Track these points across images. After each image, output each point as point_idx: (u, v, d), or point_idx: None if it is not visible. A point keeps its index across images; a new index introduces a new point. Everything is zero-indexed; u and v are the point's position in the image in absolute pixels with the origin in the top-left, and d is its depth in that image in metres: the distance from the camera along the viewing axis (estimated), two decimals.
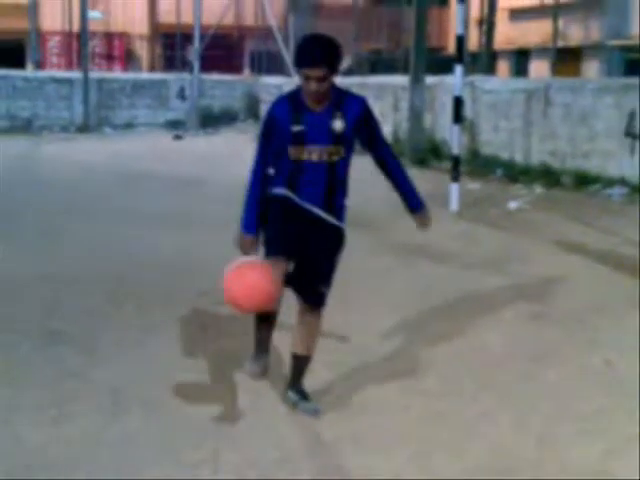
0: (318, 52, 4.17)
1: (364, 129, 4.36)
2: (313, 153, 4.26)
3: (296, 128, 4.24)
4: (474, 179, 13.09)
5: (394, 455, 4.03)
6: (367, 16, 26.07)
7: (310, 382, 4.64)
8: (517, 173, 13.43)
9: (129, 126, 23.00)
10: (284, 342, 5.19)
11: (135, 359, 5.26)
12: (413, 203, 4.52)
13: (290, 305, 4.53)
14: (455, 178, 10.66)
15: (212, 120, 23.39)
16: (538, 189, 12.45)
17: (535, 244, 8.76)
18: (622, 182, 12.02)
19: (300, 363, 4.58)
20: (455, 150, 10.79)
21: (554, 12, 19.44)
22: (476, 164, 14.14)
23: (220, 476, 3.84)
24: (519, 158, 14.04)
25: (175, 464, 3.93)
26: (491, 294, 6.85)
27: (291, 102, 4.30)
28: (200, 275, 7.33)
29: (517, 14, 24.04)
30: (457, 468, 3.93)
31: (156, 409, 4.53)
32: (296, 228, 4.31)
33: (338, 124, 4.25)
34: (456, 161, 10.78)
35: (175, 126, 22.84)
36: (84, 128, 22.14)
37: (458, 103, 10.73)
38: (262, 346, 4.48)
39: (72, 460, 3.95)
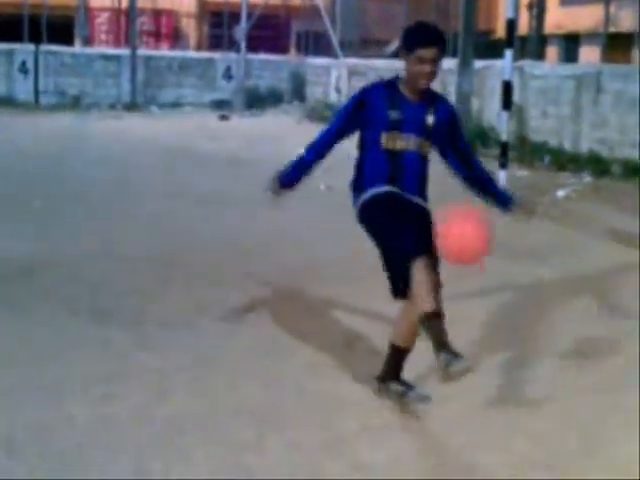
0: (433, 32, 4.21)
1: (448, 135, 4.32)
2: (409, 142, 4.25)
3: (393, 115, 4.24)
4: (522, 166, 12.97)
5: (438, 446, 4.03)
6: None
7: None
8: (565, 161, 13.26)
9: (175, 105, 23.07)
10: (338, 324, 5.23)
11: (182, 340, 5.30)
12: (507, 199, 4.41)
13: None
14: (503, 165, 10.57)
15: (258, 101, 23.39)
16: (586, 178, 12.29)
17: (583, 235, 8.66)
18: None
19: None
20: (504, 136, 10.70)
21: None
22: (524, 151, 13.98)
23: (265, 459, 3.85)
24: (568, 145, 13.87)
25: (220, 446, 3.95)
26: (539, 286, 6.79)
27: (388, 89, 4.31)
28: (247, 256, 7.38)
29: None
30: (500, 459, 3.92)
31: (202, 390, 4.56)
32: (411, 219, 4.15)
33: (430, 119, 4.27)
34: (504, 148, 10.69)
35: (221, 106, 22.86)
36: (131, 106, 22.26)
37: (508, 88, 10.62)
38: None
39: (119, 439, 3.99)
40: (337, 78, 22.11)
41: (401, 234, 4.07)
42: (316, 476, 3.72)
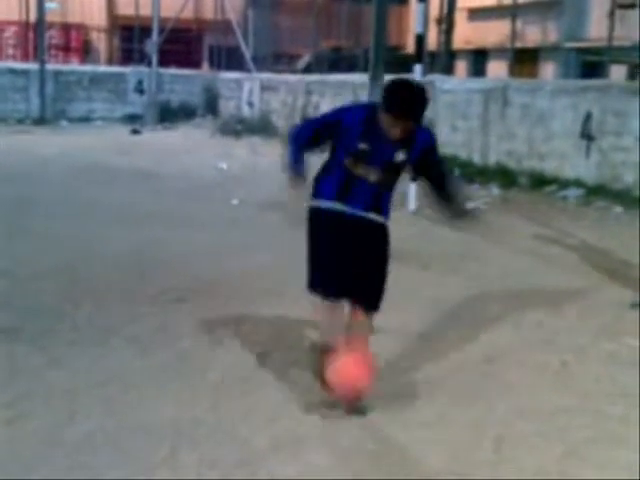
0: (413, 106, 4.25)
1: (424, 162, 4.48)
2: (369, 173, 4.34)
3: (362, 146, 4.30)
4: None
5: (351, 458, 4.05)
6: (327, 13, 26.03)
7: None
8: (475, 173, 13.52)
9: (86, 119, 22.79)
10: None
11: (92, 359, 5.20)
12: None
13: None
14: (413, 178, 10.66)
15: (170, 115, 23.24)
16: (495, 189, 12.55)
17: (491, 245, 8.82)
18: (577, 183, 12.18)
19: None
20: None
21: (512, 13, 19.57)
22: None
23: (179, 476, 3.81)
24: (477, 158, 14.14)
25: (133, 465, 3.89)
26: (447, 294, 6.87)
27: (367, 117, 4.34)
28: (160, 272, 7.30)
29: (475, 14, 24.17)
30: (414, 468, 3.95)
31: (114, 409, 4.49)
32: (346, 244, 4.40)
33: (400, 156, 4.36)
34: None
35: (133, 120, 22.65)
36: (40, 121, 21.89)
37: None
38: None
39: (27, 462, 3.89)
40: (250, 92, 22.13)
41: (319, 265, 4.45)
42: None
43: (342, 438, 4.21)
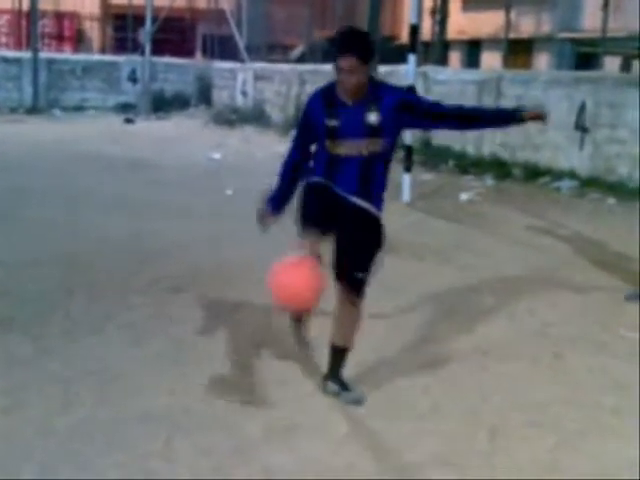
0: (347, 42, 4.20)
1: (409, 114, 4.36)
2: (349, 147, 4.29)
3: (330, 123, 4.27)
4: (426, 170, 13.17)
5: (345, 447, 4.06)
6: (321, 3, 25.95)
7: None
8: (469, 164, 13.53)
9: (79, 108, 22.71)
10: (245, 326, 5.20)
11: (87, 347, 5.21)
12: (514, 112, 4.53)
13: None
14: (407, 168, 10.70)
15: (164, 104, 23.18)
16: (489, 181, 12.56)
17: (485, 236, 8.83)
18: (571, 175, 12.20)
19: (339, 355, 4.57)
20: (407, 140, 10.83)
21: (506, 3, 19.53)
22: (428, 155, 14.21)
23: (173, 465, 3.81)
24: (471, 149, 14.14)
25: (127, 454, 3.89)
26: (442, 285, 6.88)
27: (325, 96, 4.33)
28: (155, 261, 7.29)
29: (469, 4, 24.09)
30: (408, 459, 3.96)
31: (107, 398, 4.49)
32: (330, 210, 4.35)
33: (372, 117, 4.26)
34: (409, 151, 10.81)
35: (126, 109, 22.59)
36: (33, 110, 21.82)
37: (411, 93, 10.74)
38: (302, 342, 4.71)
39: (23, 452, 3.89)
40: (243, 82, 22.08)
41: (306, 217, 4.39)
42: None
43: (336, 427, 4.22)
